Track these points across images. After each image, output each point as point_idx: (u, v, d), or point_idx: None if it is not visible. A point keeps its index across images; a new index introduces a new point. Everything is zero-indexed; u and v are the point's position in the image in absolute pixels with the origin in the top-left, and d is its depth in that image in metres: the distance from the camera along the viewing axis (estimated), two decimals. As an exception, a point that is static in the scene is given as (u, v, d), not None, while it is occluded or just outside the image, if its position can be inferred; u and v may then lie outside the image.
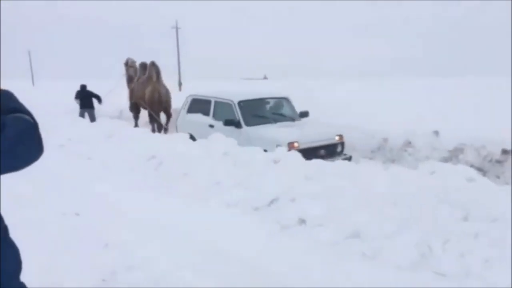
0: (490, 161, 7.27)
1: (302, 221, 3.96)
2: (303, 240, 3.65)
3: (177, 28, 43.92)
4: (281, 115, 8.21)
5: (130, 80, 13.08)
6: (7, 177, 1.40)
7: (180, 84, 39.66)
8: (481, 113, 9.43)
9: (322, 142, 7.14)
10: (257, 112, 7.99)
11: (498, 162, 7.18)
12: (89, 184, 5.63)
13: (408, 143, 8.00)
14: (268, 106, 8.56)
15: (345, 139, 7.46)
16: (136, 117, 12.95)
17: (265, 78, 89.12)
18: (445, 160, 7.25)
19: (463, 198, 3.57)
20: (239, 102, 7.82)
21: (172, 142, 6.89)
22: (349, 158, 7.30)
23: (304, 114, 8.47)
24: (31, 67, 67.35)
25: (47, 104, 15.29)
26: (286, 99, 8.64)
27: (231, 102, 7.88)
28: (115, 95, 14.07)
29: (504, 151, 7.17)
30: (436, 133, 8.09)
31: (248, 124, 7.54)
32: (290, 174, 4.81)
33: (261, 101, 8.45)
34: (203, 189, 5.19)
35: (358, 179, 4.21)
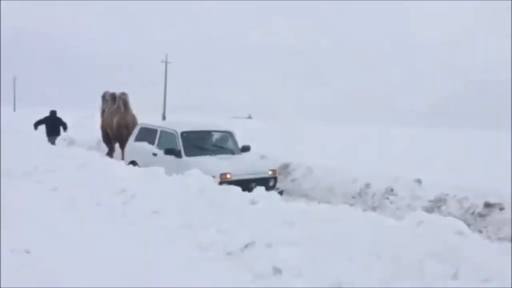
0: (473, 214, 7.08)
1: (278, 271, 3.61)
2: (277, 293, 3.29)
3: (166, 62, 44.19)
4: (222, 147, 8.59)
5: (103, 112, 13.20)
6: None
7: (164, 117, 39.51)
8: (465, 163, 9.37)
9: (254, 176, 7.50)
10: (199, 143, 8.29)
11: (481, 215, 6.99)
12: (48, 218, 5.19)
13: (390, 190, 7.79)
14: (210, 139, 8.88)
15: (308, 178, 7.91)
16: (109, 146, 12.79)
17: (249, 117, 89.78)
18: (427, 210, 7.02)
19: (452, 254, 3.29)
20: (182, 133, 8.11)
21: (146, 175, 6.51)
22: (281, 193, 7.47)
23: (246, 149, 8.79)
24: (14, 93, 66.36)
25: (25, 130, 14.73)
26: (229, 133, 8.99)
27: (174, 132, 8.17)
28: (92, 124, 13.94)
29: (487, 204, 6.99)
30: (419, 181, 7.92)
31: (188, 154, 7.81)
32: (268, 217, 4.47)
33: (204, 133, 8.84)
34: (173, 229, 4.81)
35: (341, 227, 3.91)
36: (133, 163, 8.38)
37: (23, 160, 8.46)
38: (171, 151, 7.80)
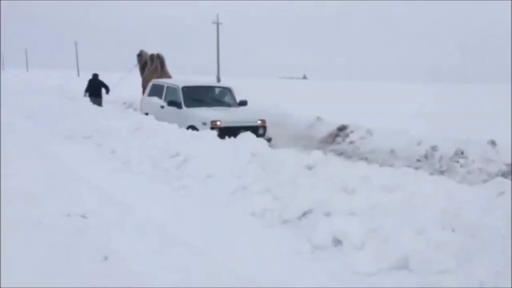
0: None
1: (338, 242, 3.34)
2: (337, 267, 3.03)
3: (218, 23, 43.57)
4: (220, 101, 9.65)
5: (142, 69, 14.31)
6: None
7: (218, 80, 39.46)
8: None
9: (243, 124, 8.26)
10: (198, 97, 9.32)
11: None
12: (106, 181, 5.23)
13: (460, 153, 7.16)
14: (210, 93, 9.93)
15: (368, 141, 8.43)
16: None
17: (304, 77, 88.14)
18: (503, 175, 6.38)
19: (542, 229, 2.84)
20: (183, 88, 9.23)
21: (199, 139, 6.39)
22: (269, 140, 8.28)
23: (243, 103, 9.71)
24: (76, 58, 69.10)
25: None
26: (228, 89, 10.08)
27: (176, 87, 9.32)
28: (126, 83, 15.09)
29: None
30: (493, 143, 7.21)
31: (187, 105, 8.87)
32: (326, 183, 4.19)
33: (204, 88, 10.07)
34: (227, 194, 4.66)
35: (407, 195, 3.54)
36: (147, 114, 9.49)
37: (84, 123, 8.67)
38: (173, 103, 8.94)
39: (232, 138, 5.92)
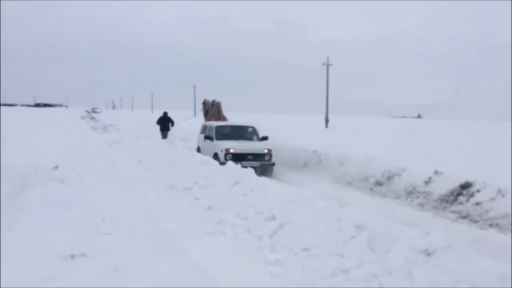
0: None
1: None
2: None
3: (328, 65, 43.52)
4: (244, 136, 13.21)
5: (206, 114, 19.53)
6: None
7: (327, 120, 38.83)
8: None
9: (252, 151, 11.79)
10: (227, 133, 13.19)
11: None
12: (199, 244, 4.90)
13: None
14: (237, 130, 13.58)
15: (499, 203, 7.40)
16: None
17: (419, 117, 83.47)
18: None
19: None
20: (217, 127, 13.47)
21: (297, 201, 5.84)
22: (272, 164, 11.81)
23: (265, 138, 12.97)
24: (194, 100, 73.77)
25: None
26: (252, 127, 13.82)
27: (212, 126, 13.60)
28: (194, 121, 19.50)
29: None
30: None
31: (218, 139, 12.61)
32: (449, 278, 3.31)
33: (232, 127, 14.00)
34: (324, 276, 3.98)
35: None
36: (198, 147, 13.95)
37: (186, 173, 8.71)
38: (208, 137, 13.10)
39: (285, 186, 7.10)
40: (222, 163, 9.23)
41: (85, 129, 28.62)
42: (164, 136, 17.74)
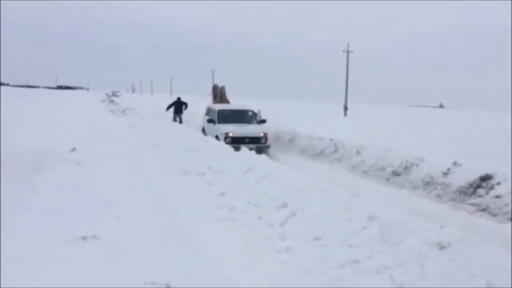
0: None
1: None
2: None
3: (348, 52, 42.78)
4: (243, 120, 14.20)
5: (215, 97, 20.14)
6: None
7: (345, 108, 38.32)
8: None
9: (249, 135, 12.81)
10: (228, 116, 14.14)
11: None
12: (211, 230, 4.88)
13: None
14: (238, 114, 14.52)
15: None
16: None
17: (441, 106, 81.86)
18: None
19: None
20: (219, 111, 14.46)
21: (312, 188, 5.76)
22: (268, 147, 12.87)
23: (262, 121, 14.40)
24: (212, 84, 73.58)
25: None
26: (252, 111, 14.90)
27: (215, 110, 14.71)
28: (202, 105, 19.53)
29: None
30: None
31: (219, 122, 13.80)
32: (462, 274, 3.20)
33: (233, 111, 14.88)
34: (334, 266, 3.90)
35: None
36: (203, 128, 15.38)
37: (200, 159, 8.70)
38: (210, 120, 14.32)
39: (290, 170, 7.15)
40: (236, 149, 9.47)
41: (104, 112, 28.90)
42: (179, 118, 19.04)
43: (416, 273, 3.40)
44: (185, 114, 19.74)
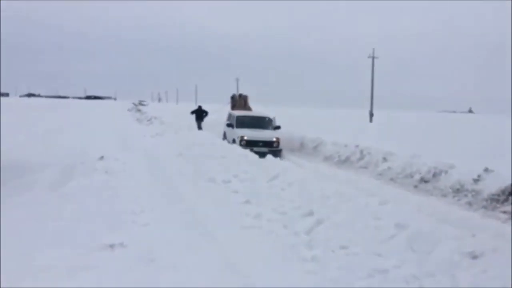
0: None
1: None
2: None
3: (373, 58, 42.41)
4: (260, 125, 15.19)
5: (233, 107, 20.74)
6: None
7: (371, 115, 37.87)
8: None
9: (263, 139, 13.85)
10: (246, 121, 15.28)
11: None
12: (236, 238, 4.87)
13: None
14: (255, 120, 15.62)
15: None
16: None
17: (470, 111, 79.92)
18: None
19: None
20: (237, 116, 15.64)
21: (338, 196, 5.69)
22: (280, 150, 13.68)
23: (277, 127, 15.42)
24: (237, 92, 73.88)
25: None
26: (268, 117, 15.96)
27: (234, 116, 15.89)
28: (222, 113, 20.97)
29: None
30: None
31: (237, 127, 14.88)
32: (495, 283, 3.09)
33: (251, 117, 16.15)
34: (362, 276, 3.84)
35: None
36: (224, 133, 16.35)
37: (226, 166, 8.73)
38: (229, 125, 15.53)
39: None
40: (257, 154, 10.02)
41: (130, 121, 29.49)
42: (199, 125, 20.64)
43: (447, 283, 3.31)
44: (205, 122, 21.24)
